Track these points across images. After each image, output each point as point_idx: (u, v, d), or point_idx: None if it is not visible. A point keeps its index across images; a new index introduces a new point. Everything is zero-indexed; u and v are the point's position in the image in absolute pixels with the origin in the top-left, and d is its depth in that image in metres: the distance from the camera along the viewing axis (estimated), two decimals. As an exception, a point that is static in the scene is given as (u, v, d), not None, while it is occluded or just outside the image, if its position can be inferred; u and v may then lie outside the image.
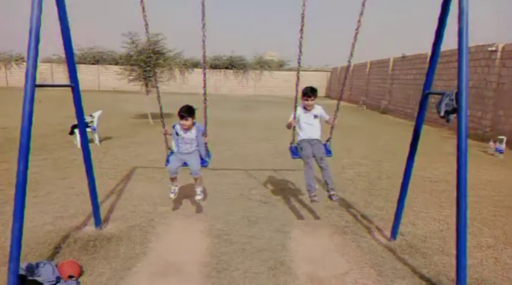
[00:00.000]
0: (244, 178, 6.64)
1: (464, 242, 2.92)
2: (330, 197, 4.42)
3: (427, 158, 8.42)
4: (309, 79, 34.10)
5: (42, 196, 5.42)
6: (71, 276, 3.19)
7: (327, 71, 37.37)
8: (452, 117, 3.11)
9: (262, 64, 37.59)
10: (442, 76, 14.86)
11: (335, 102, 5.53)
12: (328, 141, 4.82)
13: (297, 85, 4.46)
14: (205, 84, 4.39)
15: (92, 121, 9.50)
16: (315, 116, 4.72)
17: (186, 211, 5.05)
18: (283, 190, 6.07)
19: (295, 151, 4.77)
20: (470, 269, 3.58)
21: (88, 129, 8.82)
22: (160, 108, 4.63)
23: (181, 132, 4.52)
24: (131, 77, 13.68)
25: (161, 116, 4.71)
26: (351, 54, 4.20)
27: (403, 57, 19.59)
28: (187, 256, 3.78)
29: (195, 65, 34.47)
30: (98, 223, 4.31)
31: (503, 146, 9.14)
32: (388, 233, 4.35)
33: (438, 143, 10.75)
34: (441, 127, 13.58)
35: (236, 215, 4.92)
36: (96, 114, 9.90)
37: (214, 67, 36.53)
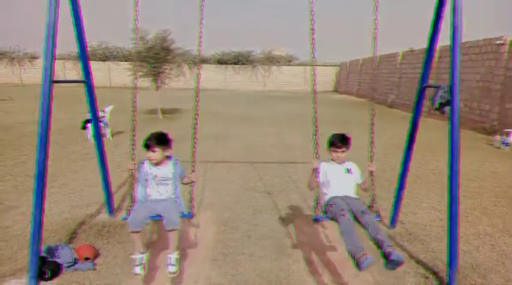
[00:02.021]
0: (250, 171, 6.84)
1: (455, 225, 3.07)
2: (390, 257, 2.72)
3: (432, 151, 8.51)
4: (318, 73, 34.06)
5: (57, 187, 5.68)
6: (87, 258, 3.44)
7: (335, 66, 37.26)
8: (447, 108, 3.26)
9: (271, 60, 37.62)
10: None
11: (343, 96, 5.62)
12: (373, 205, 3.63)
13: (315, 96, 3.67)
14: (198, 113, 3.65)
15: (103, 116, 9.78)
16: (348, 170, 3.63)
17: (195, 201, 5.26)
18: (287, 182, 6.24)
19: (322, 216, 3.40)
20: (466, 254, 3.75)
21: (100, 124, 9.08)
22: (133, 134, 3.60)
23: (152, 169, 3.29)
24: (141, 73, 13.91)
25: (132, 149, 3.54)
26: (375, 69, 4.24)
27: (411, 50, 19.52)
28: (195, 241, 4.00)
29: (204, 61, 34.65)
30: (112, 211, 4.56)
31: (509, 139, 9.18)
32: (388, 222, 4.51)
33: (444, 137, 10.75)
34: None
35: (242, 205, 5.13)
36: (108, 109, 10.18)
37: (222, 63, 36.69)
